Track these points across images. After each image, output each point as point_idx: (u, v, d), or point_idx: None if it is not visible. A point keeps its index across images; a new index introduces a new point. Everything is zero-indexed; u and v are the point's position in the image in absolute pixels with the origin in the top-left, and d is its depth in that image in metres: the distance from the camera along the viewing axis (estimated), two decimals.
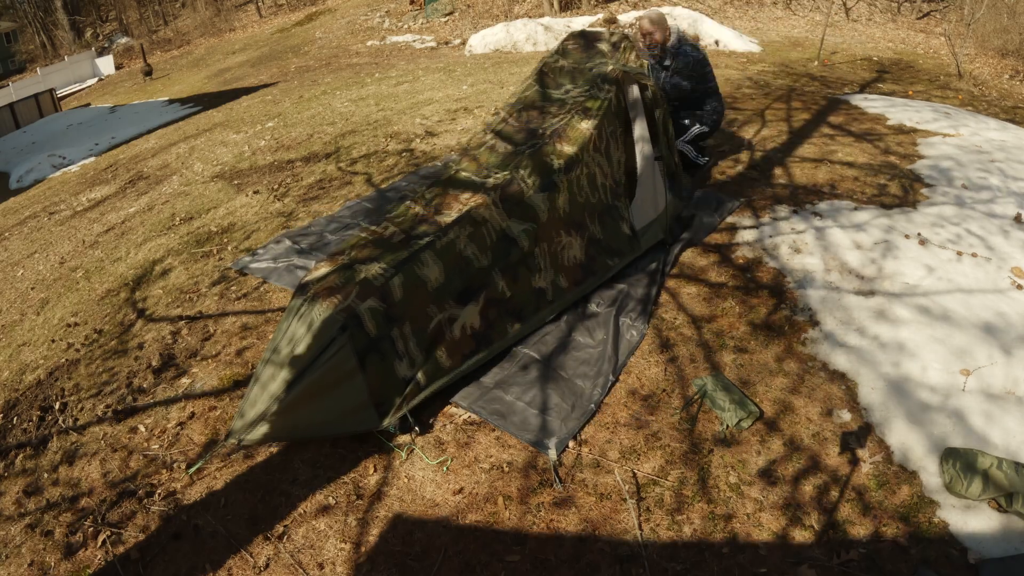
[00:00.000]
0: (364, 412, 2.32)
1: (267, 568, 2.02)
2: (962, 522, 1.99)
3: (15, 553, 2.22)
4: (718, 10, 13.72)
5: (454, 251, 2.59)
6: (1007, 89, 9.13)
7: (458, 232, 2.62)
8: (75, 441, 2.71)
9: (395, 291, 2.41)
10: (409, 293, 2.45)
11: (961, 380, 2.45)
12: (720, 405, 2.41)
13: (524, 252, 2.75)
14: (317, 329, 2.26)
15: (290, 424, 2.25)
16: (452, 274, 2.57)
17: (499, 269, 2.69)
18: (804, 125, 5.11)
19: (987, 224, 3.38)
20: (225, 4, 28.34)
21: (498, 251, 2.71)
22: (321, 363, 2.23)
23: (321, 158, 5.66)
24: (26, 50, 31.83)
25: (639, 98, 3.24)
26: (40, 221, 6.42)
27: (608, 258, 3.10)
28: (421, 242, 2.58)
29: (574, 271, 2.96)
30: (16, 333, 3.87)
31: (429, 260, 2.52)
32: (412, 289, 2.46)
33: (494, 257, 2.70)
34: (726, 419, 2.37)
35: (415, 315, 2.46)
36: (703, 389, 2.50)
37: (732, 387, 2.49)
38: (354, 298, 2.34)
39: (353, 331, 2.29)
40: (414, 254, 2.52)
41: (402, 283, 2.43)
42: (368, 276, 2.42)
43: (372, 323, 2.34)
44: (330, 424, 2.31)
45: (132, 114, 12.93)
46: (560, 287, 2.89)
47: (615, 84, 3.16)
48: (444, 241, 2.58)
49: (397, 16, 17.69)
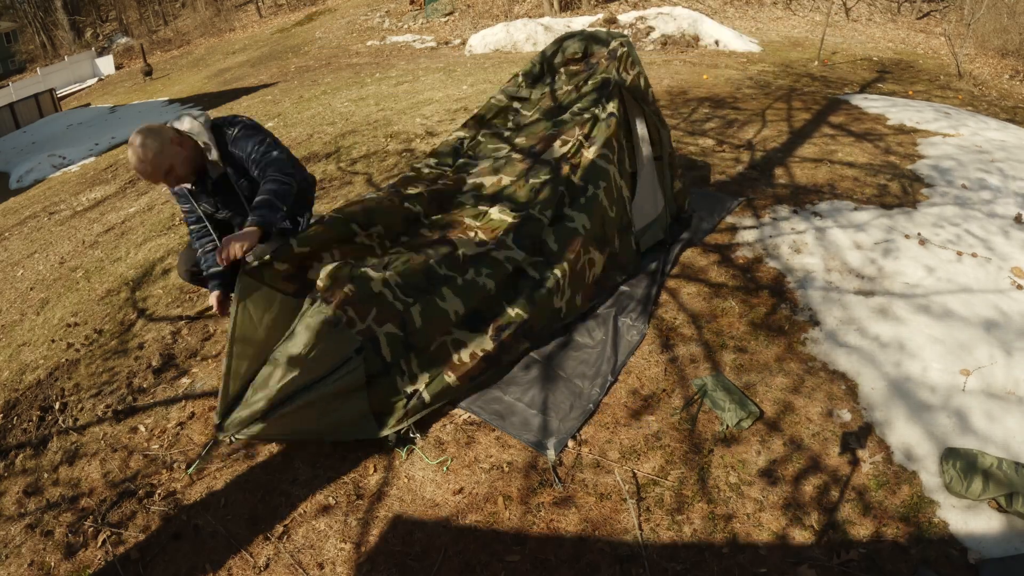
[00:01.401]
0: (363, 421, 2.33)
1: (267, 568, 2.02)
2: (962, 522, 1.99)
3: (15, 553, 2.22)
4: (718, 10, 13.72)
5: (476, 288, 2.59)
6: (1007, 89, 9.13)
7: (478, 270, 2.61)
8: (75, 441, 2.71)
9: (415, 319, 2.41)
10: (427, 323, 2.44)
11: (961, 380, 2.45)
12: (720, 405, 2.41)
13: (539, 280, 2.74)
14: (331, 343, 2.22)
15: (287, 428, 2.25)
16: (470, 306, 2.56)
17: (517, 298, 2.68)
18: (804, 125, 5.11)
19: (987, 224, 3.39)
20: (225, 4, 28.34)
21: (516, 283, 2.70)
22: (332, 379, 2.23)
23: (321, 158, 5.66)
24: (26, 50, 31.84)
25: (639, 97, 3.24)
26: (40, 221, 6.42)
27: (618, 274, 3.11)
28: (439, 271, 2.54)
29: (590, 288, 2.96)
30: (16, 333, 3.87)
31: (449, 295, 2.51)
32: (430, 320, 2.45)
33: (513, 287, 2.69)
34: (726, 419, 2.37)
35: (430, 342, 2.46)
36: (703, 389, 2.50)
37: (732, 387, 2.49)
38: (372, 320, 2.32)
39: (368, 354, 2.30)
40: (433, 284, 2.50)
41: (421, 312, 2.43)
42: (387, 296, 2.37)
43: (389, 349, 2.35)
44: (327, 431, 2.32)
45: (132, 114, 12.94)
46: (575, 305, 2.89)
47: (618, 95, 3.13)
48: (465, 280, 2.57)
49: (397, 16, 17.69)
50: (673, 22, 11.01)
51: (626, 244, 3.15)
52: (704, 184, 4.11)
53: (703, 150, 4.69)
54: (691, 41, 10.56)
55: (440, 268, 2.55)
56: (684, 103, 6.07)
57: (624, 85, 3.17)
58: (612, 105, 3.07)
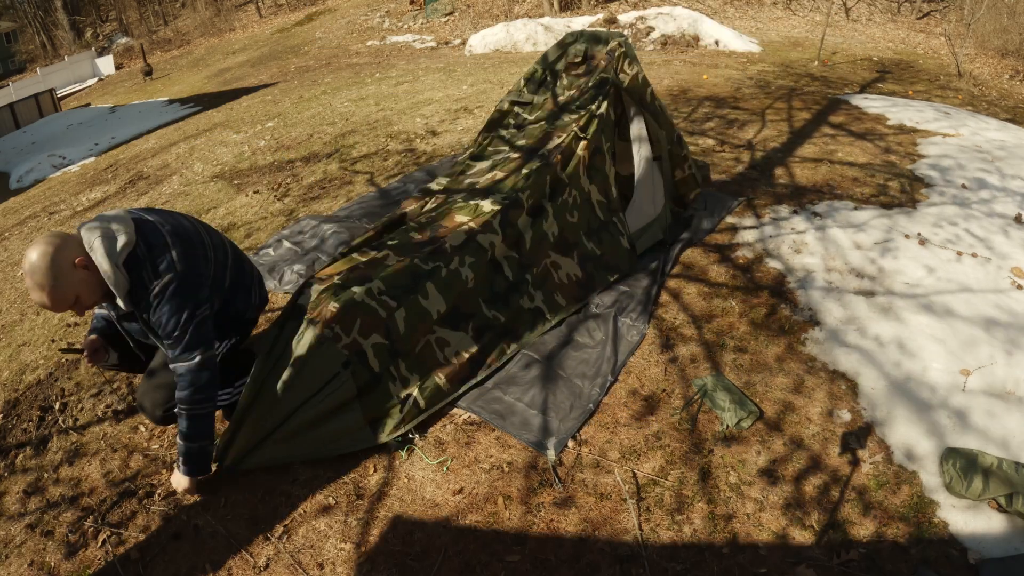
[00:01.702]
0: (360, 432, 2.35)
1: (267, 568, 2.02)
2: (962, 522, 1.99)
3: (16, 553, 2.22)
4: (718, 10, 13.72)
5: (458, 281, 2.61)
6: (1007, 89, 9.14)
7: (462, 259, 2.63)
8: (75, 441, 2.71)
9: (399, 325, 2.43)
10: (411, 327, 2.46)
11: (962, 380, 2.45)
12: (720, 405, 2.41)
13: (511, 280, 2.79)
14: (317, 360, 2.25)
15: (286, 451, 2.27)
16: (451, 303, 2.59)
17: (489, 298, 2.72)
18: (805, 125, 5.12)
19: (987, 224, 3.39)
20: (225, 4, 28.35)
21: (489, 279, 2.74)
22: (323, 396, 2.25)
23: (321, 158, 5.66)
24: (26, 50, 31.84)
25: (637, 97, 3.24)
26: (40, 221, 6.42)
27: (608, 273, 3.11)
28: (424, 267, 2.56)
29: (571, 288, 2.97)
30: (16, 333, 3.87)
31: (432, 291, 2.53)
32: (414, 322, 2.48)
33: (488, 285, 2.73)
34: (726, 419, 2.37)
35: (415, 345, 2.48)
36: (703, 389, 2.50)
37: (732, 387, 2.49)
38: (357, 333, 2.33)
39: (356, 367, 2.32)
40: (418, 282, 2.52)
41: (405, 317, 2.45)
42: (370, 305, 2.38)
43: (376, 360, 2.37)
44: (325, 446, 2.32)
45: (132, 114, 12.93)
46: (558, 304, 2.90)
47: (608, 95, 3.14)
48: (448, 271, 2.59)
49: (397, 16, 17.69)
50: (673, 22, 11.01)
51: (611, 245, 3.16)
52: (704, 184, 4.11)
53: (703, 150, 4.69)
54: (691, 41, 10.56)
55: (426, 264, 2.57)
56: (684, 103, 6.07)
57: (621, 86, 3.17)
58: (604, 106, 3.09)
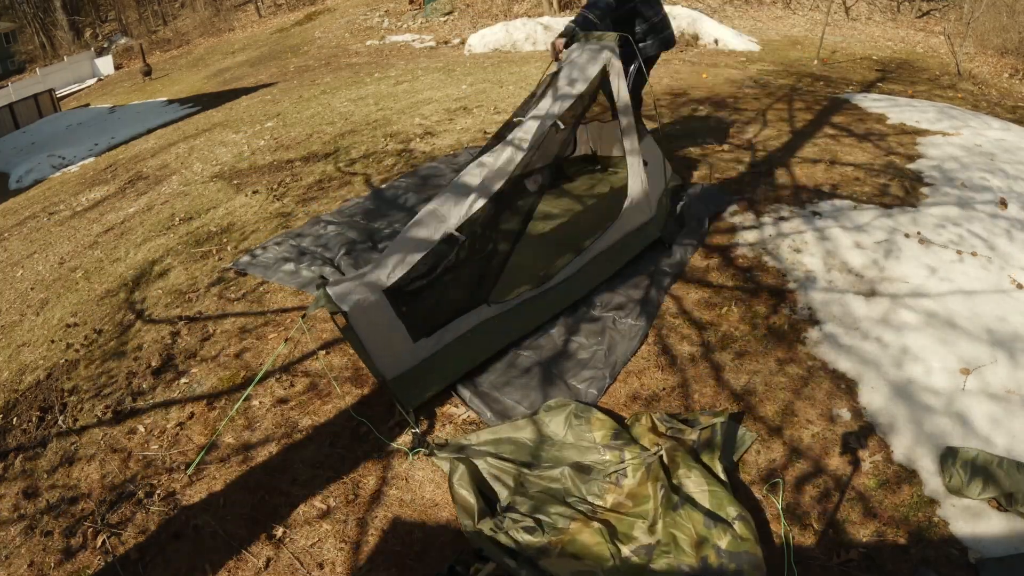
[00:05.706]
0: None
1: (267, 568, 2.02)
2: (962, 522, 1.99)
3: (15, 555, 2.22)
4: (717, 9, 13.71)
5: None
6: (1007, 88, 9.14)
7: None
8: (74, 442, 2.71)
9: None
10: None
11: (962, 380, 2.45)
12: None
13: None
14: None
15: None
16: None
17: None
18: (805, 125, 5.11)
19: (988, 224, 3.38)
20: (224, 4, 28.31)
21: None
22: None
23: (320, 158, 5.65)
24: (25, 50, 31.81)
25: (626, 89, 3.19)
26: (40, 221, 6.41)
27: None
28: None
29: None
30: (16, 333, 3.87)
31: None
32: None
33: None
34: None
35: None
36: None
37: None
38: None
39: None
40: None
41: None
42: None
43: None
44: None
45: (131, 114, 12.92)
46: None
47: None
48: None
49: (396, 16, 17.67)
50: (672, 21, 10.98)
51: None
52: (705, 184, 4.10)
53: (703, 150, 4.69)
54: (690, 40, 10.54)
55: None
56: (684, 103, 6.06)
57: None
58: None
